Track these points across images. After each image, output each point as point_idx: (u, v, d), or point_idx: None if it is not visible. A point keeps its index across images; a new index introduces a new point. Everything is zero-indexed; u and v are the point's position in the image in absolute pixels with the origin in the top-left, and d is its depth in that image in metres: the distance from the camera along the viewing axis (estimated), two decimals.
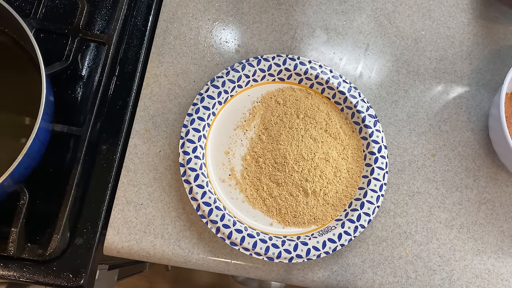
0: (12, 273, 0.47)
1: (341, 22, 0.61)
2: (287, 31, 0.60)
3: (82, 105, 0.54)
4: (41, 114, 0.42)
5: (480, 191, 0.56)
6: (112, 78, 0.56)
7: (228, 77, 0.54)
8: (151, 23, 0.59)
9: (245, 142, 0.53)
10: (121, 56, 0.57)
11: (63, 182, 0.49)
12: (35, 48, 0.44)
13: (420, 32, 0.62)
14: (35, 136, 0.42)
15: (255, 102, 0.55)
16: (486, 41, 0.62)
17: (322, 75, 0.55)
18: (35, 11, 0.56)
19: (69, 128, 0.50)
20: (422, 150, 0.57)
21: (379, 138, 0.54)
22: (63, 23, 0.55)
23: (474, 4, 0.64)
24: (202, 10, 0.59)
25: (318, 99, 0.55)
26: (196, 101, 0.53)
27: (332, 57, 0.59)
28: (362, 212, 0.50)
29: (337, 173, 0.52)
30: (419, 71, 0.60)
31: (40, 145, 0.45)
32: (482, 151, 0.58)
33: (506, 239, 0.55)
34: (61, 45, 0.55)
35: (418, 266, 0.52)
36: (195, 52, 0.57)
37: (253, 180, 0.52)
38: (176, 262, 0.51)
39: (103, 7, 0.59)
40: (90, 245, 0.49)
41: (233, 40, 0.59)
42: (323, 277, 0.51)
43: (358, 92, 0.55)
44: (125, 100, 0.55)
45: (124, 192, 0.51)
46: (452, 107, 0.59)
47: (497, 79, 0.61)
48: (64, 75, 0.55)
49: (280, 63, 0.55)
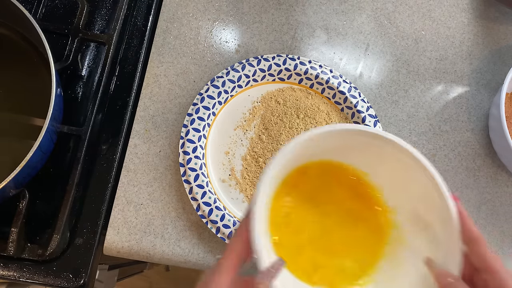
0: (12, 273, 0.47)
1: (341, 22, 0.61)
2: (287, 31, 0.60)
3: (82, 105, 0.54)
4: (50, 112, 0.42)
5: (480, 191, 0.56)
6: (112, 78, 0.56)
7: (228, 77, 0.54)
8: (151, 23, 0.59)
9: (245, 142, 0.53)
10: (121, 56, 0.57)
11: (63, 182, 0.49)
12: (44, 44, 0.44)
13: (420, 32, 0.62)
14: (42, 137, 0.41)
15: (255, 102, 0.55)
16: (486, 41, 0.62)
17: (322, 75, 0.55)
18: (35, 11, 0.56)
19: (69, 128, 0.50)
20: (422, 150, 0.57)
21: None
22: (63, 23, 0.55)
23: (474, 4, 0.64)
24: (202, 10, 0.59)
25: (318, 99, 0.55)
26: (196, 101, 0.53)
27: (332, 57, 0.59)
28: None
29: None
30: (419, 71, 0.60)
31: (48, 146, 0.45)
32: (482, 151, 0.58)
33: (506, 239, 0.55)
34: (61, 45, 0.55)
35: None
36: (195, 52, 0.57)
37: (253, 180, 0.51)
38: (176, 262, 0.50)
39: (103, 7, 0.59)
40: (90, 245, 0.49)
41: (233, 40, 0.59)
42: None
43: (358, 92, 0.55)
44: (125, 100, 0.55)
45: (124, 192, 0.51)
46: (452, 107, 0.59)
47: (497, 79, 0.61)
48: (64, 75, 0.55)
49: (280, 63, 0.55)
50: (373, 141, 0.33)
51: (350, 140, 0.34)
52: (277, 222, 0.36)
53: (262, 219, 0.31)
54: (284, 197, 0.37)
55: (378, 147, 0.34)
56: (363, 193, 0.38)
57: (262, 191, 0.31)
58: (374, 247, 0.37)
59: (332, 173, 0.38)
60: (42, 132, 0.42)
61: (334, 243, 0.37)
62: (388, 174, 0.36)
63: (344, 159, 0.37)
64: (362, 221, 0.37)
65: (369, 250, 0.36)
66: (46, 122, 0.42)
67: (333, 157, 0.37)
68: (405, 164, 0.33)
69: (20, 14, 0.45)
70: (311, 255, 0.36)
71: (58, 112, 0.47)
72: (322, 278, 0.35)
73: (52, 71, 0.44)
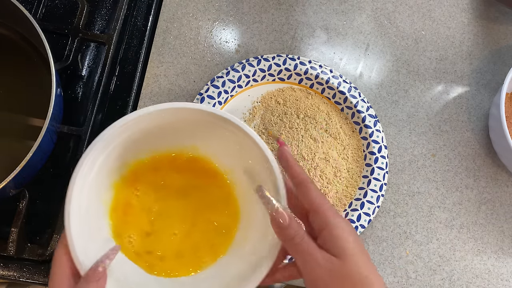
0: (12, 273, 0.47)
1: (341, 22, 0.61)
2: (287, 31, 0.60)
3: (82, 105, 0.54)
4: (50, 112, 0.42)
5: (480, 191, 0.56)
6: (112, 78, 0.56)
7: (228, 77, 0.54)
8: (151, 23, 0.59)
9: None
10: (121, 56, 0.57)
11: (63, 182, 0.49)
12: (44, 44, 0.44)
13: (420, 32, 0.62)
14: (42, 137, 0.41)
15: (255, 102, 0.55)
16: (486, 41, 0.62)
17: (322, 75, 0.55)
18: (35, 11, 0.55)
19: (69, 128, 0.50)
20: (422, 150, 0.57)
21: (379, 138, 0.54)
22: (63, 23, 0.55)
23: (474, 4, 0.64)
24: (202, 10, 0.59)
25: (318, 99, 0.55)
26: (196, 101, 0.53)
27: (332, 57, 0.59)
28: (362, 212, 0.50)
29: (337, 173, 0.52)
30: (419, 71, 0.60)
31: (48, 146, 0.45)
32: (482, 151, 0.58)
33: (506, 239, 0.55)
34: (61, 45, 0.55)
35: (418, 266, 0.52)
36: (195, 52, 0.57)
37: None
38: None
39: (103, 7, 0.59)
40: None
41: (233, 40, 0.59)
42: None
43: (358, 92, 0.55)
44: (125, 100, 0.55)
45: None
46: (452, 107, 0.59)
47: (497, 79, 0.61)
48: (64, 75, 0.55)
49: (280, 63, 0.55)
50: (201, 117, 0.38)
51: (180, 118, 0.39)
52: (118, 212, 0.40)
53: (77, 218, 0.34)
54: (129, 188, 0.41)
55: (207, 121, 0.38)
56: (201, 167, 0.42)
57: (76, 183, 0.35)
58: (229, 212, 0.41)
59: (166, 160, 0.42)
60: (42, 132, 0.41)
61: (176, 226, 0.41)
62: (217, 142, 0.41)
63: (177, 139, 0.41)
64: (208, 194, 0.42)
65: (226, 215, 0.41)
66: (46, 122, 0.42)
67: (166, 142, 0.41)
68: (229, 131, 0.38)
69: (20, 14, 0.45)
70: (151, 243, 0.40)
71: (58, 112, 0.47)
72: (163, 266, 0.39)
73: (52, 71, 0.44)
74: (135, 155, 0.40)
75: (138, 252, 0.39)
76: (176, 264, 0.39)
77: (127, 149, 0.39)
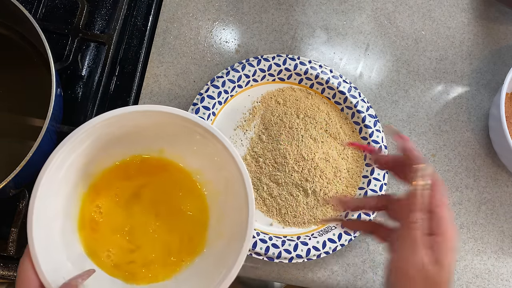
0: (12, 273, 0.47)
1: (341, 22, 0.61)
2: (287, 31, 0.60)
3: (82, 105, 0.54)
4: (50, 112, 0.42)
5: (480, 191, 0.56)
6: (112, 78, 0.56)
7: (228, 77, 0.54)
8: (151, 23, 0.59)
9: (245, 142, 0.53)
10: (121, 56, 0.57)
11: None
12: (44, 44, 0.44)
13: (420, 32, 0.62)
14: (42, 137, 0.41)
15: (255, 102, 0.55)
16: (486, 41, 0.62)
17: (322, 75, 0.55)
18: (35, 11, 0.56)
19: (69, 128, 0.50)
20: (422, 150, 0.57)
21: (379, 138, 0.54)
22: (63, 23, 0.55)
23: (474, 4, 0.64)
24: (202, 10, 0.59)
25: (318, 99, 0.55)
26: (196, 101, 0.53)
27: (332, 57, 0.59)
28: (362, 212, 0.50)
29: (337, 173, 0.52)
30: (419, 71, 0.60)
31: (48, 146, 0.45)
32: (482, 151, 0.58)
33: (506, 239, 0.55)
34: (61, 45, 0.55)
35: None
36: (195, 52, 0.57)
37: (253, 180, 0.51)
38: None
39: (103, 7, 0.59)
40: None
41: (233, 40, 0.59)
42: (323, 277, 0.51)
43: (358, 92, 0.55)
44: (125, 100, 0.55)
45: None
46: (452, 107, 0.59)
47: (497, 79, 0.61)
48: (64, 75, 0.55)
49: (280, 63, 0.55)
50: (161, 119, 0.39)
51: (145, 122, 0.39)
52: (86, 230, 0.40)
53: (42, 231, 0.34)
54: (91, 203, 0.41)
55: (173, 124, 0.39)
56: (169, 168, 0.43)
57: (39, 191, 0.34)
58: (199, 207, 0.43)
59: (133, 165, 0.43)
60: (42, 132, 0.41)
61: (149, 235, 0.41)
62: (183, 143, 0.42)
63: (143, 144, 0.42)
64: (177, 194, 0.43)
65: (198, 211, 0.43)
66: (46, 122, 0.42)
67: (131, 147, 0.42)
68: (190, 129, 0.39)
69: (20, 14, 0.45)
70: (131, 253, 0.40)
71: (58, 112, 0.47)
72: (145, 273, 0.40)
73: (52, 71, 0.44)
74: (99, 164, 0.41)
75: (117, 264, 0.39)
76: (158, 268, 0.40)
77: (90, 158, 0.39)
